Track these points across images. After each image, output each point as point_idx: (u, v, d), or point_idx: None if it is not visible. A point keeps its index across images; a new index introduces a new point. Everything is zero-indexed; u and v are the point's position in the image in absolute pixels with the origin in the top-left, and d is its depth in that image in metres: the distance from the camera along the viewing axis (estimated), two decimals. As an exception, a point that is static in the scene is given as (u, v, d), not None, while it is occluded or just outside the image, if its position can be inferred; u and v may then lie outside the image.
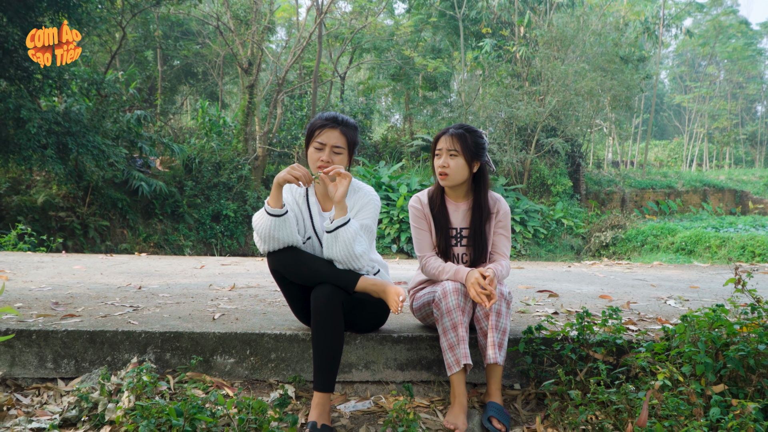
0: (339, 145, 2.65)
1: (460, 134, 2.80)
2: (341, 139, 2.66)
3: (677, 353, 2.44)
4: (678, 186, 26.32)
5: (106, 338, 2.71)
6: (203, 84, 28.79)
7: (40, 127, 11.88)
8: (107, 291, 3.90)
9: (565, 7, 24.20)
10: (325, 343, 2.46)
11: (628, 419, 2.28)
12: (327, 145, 2.64)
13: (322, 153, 2.65)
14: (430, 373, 2.81)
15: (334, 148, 2.65)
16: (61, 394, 2.60)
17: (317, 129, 2.67)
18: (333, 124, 2.66)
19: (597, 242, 18.94)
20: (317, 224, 2.73)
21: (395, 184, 18.68)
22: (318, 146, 2.66)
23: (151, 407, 2.13)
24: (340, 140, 2.65)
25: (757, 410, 2.05)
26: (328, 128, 2.65)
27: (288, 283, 2.67)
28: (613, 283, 5.14)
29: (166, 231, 16.93)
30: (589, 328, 2.76)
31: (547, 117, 20.75)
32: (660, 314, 3.49)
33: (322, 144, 2.65)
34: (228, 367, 2.74)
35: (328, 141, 2.64)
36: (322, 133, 2.65)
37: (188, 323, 2.90)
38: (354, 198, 2.75)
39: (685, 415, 2.13)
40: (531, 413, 2.66)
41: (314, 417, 2.40)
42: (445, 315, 2.57)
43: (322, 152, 2.65)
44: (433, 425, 2.51)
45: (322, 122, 2.67)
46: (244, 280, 4.74)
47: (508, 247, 2.90)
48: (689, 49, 45.13)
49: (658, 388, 2.21)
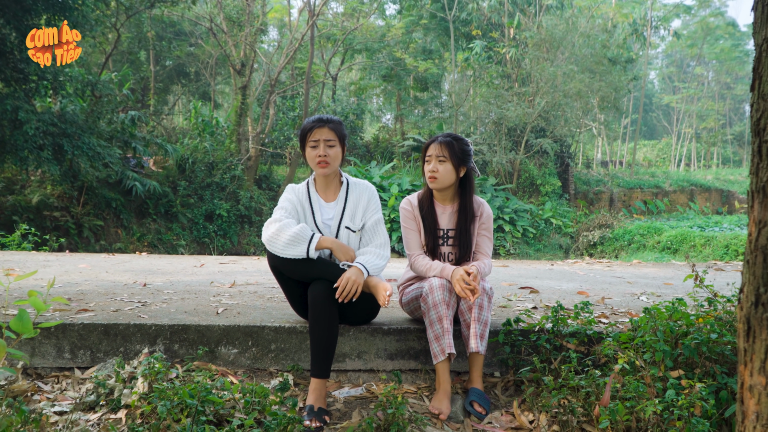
0: (330, 138, 2.94)
1: (448, 142, 3.06)
2: (331, 134, 2.94)
3: (640, 342, 2.70)
4: (665, 186, 26.69)
5: (119, 330, 2.94)
6: (195, 84, 28.90)
7: (37, 128, 12.04)
8: (115, 288, 4.13)
9: (554, 9, 24.50)
10: (322, 334, 2.70)
11: (595, 402, 2.54)
12: (320, 141, 2.92)
13: (318, 149, 2.93)
14: (418, 362, 3.06)
15: (327, 142, 2.93)
16: (78, 381, 2.83)
17: (308, 131, 2.95)
18: (320, 123, 2.95)
19: (585, 241, 19.27)
20: (318, 217, 2.99)
21: (386, 184, 18.92)
22: (313, 144, 2.94)
23: (166, 390, 2.36)
24: (330, 134, 2.94)
25: (707, 391, 2.31)
26: (317, 128, 2.94)
27: (286, 279, 2.91)
28: (592, 281, 5.41)
29: (160, 230, 17.10)
30: (563, 320, 3.02)
31: (536, 118, 21.04)
32: (631, 309, 3.76)
33: (315, 141, 2.93)
34: (232, 357, 2.98)
35: (320, 137, 2.92)
36: (313, 132, 2.93)
37: (194, 317, 3.13)
38: (355, 195, 3.03)
39: (644, 396, 2.39)
40: (509, 398, 2.91)
41: (312, 401, 2.64)
42: (431, 308, 2.82)
43: (318, 148, 2.93)
44: (419, 409, 2.75)
45: (311, 124, 2.96)
46: (243, 278, 4.98)
47: (491, 247, 3.16)
48: (678, 50, 45.61)
49: (619, 371, 2.46)
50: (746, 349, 1.18)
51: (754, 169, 1.16)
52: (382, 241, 3.00)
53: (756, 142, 1.13)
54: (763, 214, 1.12)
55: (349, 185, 3.08)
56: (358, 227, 3.00)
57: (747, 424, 1.19)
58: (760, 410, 1.12)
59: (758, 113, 1.11)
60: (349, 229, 2.99)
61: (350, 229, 2.99)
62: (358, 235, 3.01)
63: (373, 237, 3.01)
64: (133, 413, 2.48)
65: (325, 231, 2.98)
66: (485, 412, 2.72)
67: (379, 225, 3.04)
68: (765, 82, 1.10)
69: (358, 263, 2.80)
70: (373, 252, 2.92)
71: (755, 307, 1.14)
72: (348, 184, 3.08)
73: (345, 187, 3.07)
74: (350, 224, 2.99)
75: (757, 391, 1.13)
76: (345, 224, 2.99)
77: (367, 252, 2.93)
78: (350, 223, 3.00)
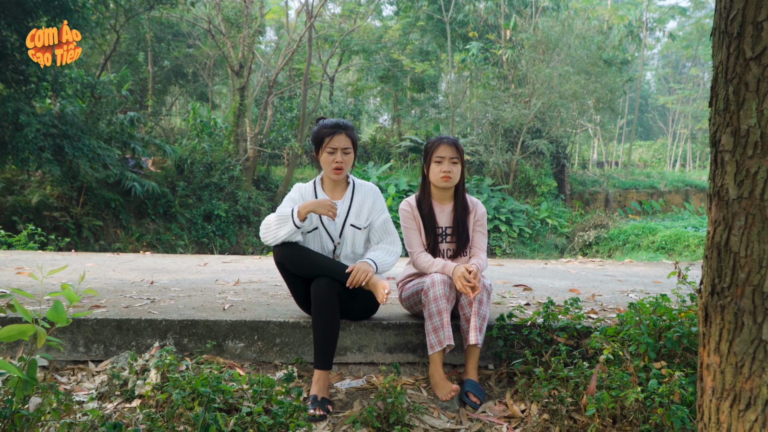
0: (347, 146, 3.08)
1: (458, 144, 3.25)
2: (348, 141, 3.09)
3: (626, 335, 2.86)
4: (660, 186, 26.87)
5: (131, 325, 3.09)
6: (193, 85, 29.02)
7: (38, 130, 12.17)
8: (123, 285, 4.27)
9: (550, 10, 24.68)
10: (324, 328, 2.86)
11: (583, 392, 2.70)
12: (338, 149, 3.06)
13: (335, 155, 3.06)
14: (415, 356, 3.22)
15: (344, 150, 3.08)
16: (92, 374, 2.98)
17: (326, 137, 3.07)
18: (339, 130, 3.08)
19: (580, 241, 19.45)
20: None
21: (384, 184, 19.08)
22: (330, 151, 3.07)
23: (180, 379, 2.51)
24: (347, 142, 3.08)
25: (687, 380, 2.47)
26: (336, 134, 3.06)
27: (291, 275, 3.06)
28: (583, 279, 5.58)
29: (159, 231, 17.22)
30: (554, 315, 3.18)
31: (532, 119, 21.22)
32: (620, 305, 3.92)
33: (333, 149, 3.06)
34: (238, 351, 3.13)
35: (339, 145, 3.06)
36: (332, 139, 3.06)
37: (202, 313, 3.28)
38: (360, 195, 3.19)
39: (628, 385, 2.55)
40: (502, 389, 3.07)
41: (315, 391, 2.80)
42: (432, 302, 2.98)
43: (335, 155, 3.06)
44: (417, 399, 2.91)
45: (330, 130, 3.08)
46: (246, 276, 5.13)
47: (485, 243, 3.35)
48: (673, 51, 45.82)
49: (604, 361, 2.62)
50: (704, 332, 1.34)
51: (712, 176, 1.32)
52: (393, 239, 3.18)
53: (713, 152, 1.28)
54: (718, 215, 1.27)
55: (355, 186, 3.24)
56: (363, 225, 3.16)
57: (704, 399, 1.35)
58: (716, 385, 1.28)
59: (714, 127, 1.27)
60: (354, 226, 3.14)
61: (355, 226, 3.15)
62: (363, 233, 3.17)
63: (384, 235, 3.19)
64: (147, 402, 2.63)
65: (330, 228, 3.13)
66: (480, 402, 2.88)
67: (388, 224, 3.20)
68: (720, 100, 1.25)
69: (368, 259, 2.97)
70: (384, 249, 3.10)
71: (711, 296, 1.30)
72: (354, 185, 3.24)
73: (351, 187, 3.23)
74: (355, 222, 3.15)
75: (713, 368, 1.29)
76: (350, 222, 3.15)
77: (378, 248, 3.10)
78: (355, 221, 3.15)
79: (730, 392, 1.24)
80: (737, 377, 1.22)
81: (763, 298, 1.18)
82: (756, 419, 1.18)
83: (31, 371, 1.62)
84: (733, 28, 1.22)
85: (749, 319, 1.21)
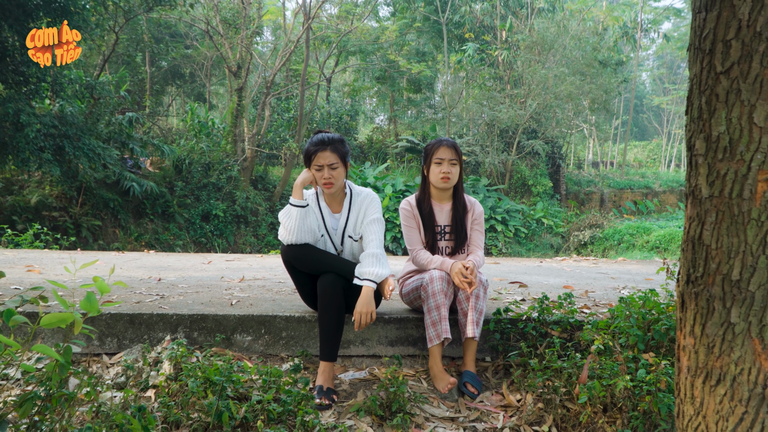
0: (333, 162, 3.11)
1: (457, 146, 3.39)
2: (333, 156, 3.11)
3: (616, 328, 3.00)
4: (655, 186, 27.06)
5: (143, 320, 3.23)
6: (191, 85, 29.11)
7: (38, 130, 12.27)
8: (132, 282, 4.41)
9: (546, 12, 24.85)
10: (330, 321, 3.00)
11: (576, 382, 2.84)
12: (324, 166, 3.10)
13: (322, 172, 3.11)
14: (416, 349, 3.36)
15: (330, 166, 3.11)
16: (107, 366, 3.12)
17: (312, 154, 3.12)
18: (323, 147, 3.11)
19: (576, 241, 19.62)
20: (328, 224, 3.27)
21: (381, 184, 19.21)
22: (317, 168, 3.12)
23: (194, 369, 2.65)
24: (333, 158, 3.11)
25: (672, 369, 2.61)
26: (320, 151, 3.10)
27: (298, 272, 3.20)
28: (578, 276, 5.73)
29: (157, 230, 17.31)
30: (548, 310, 3.33)
31: (528, 119, 21.39)
32: (612, 301, 4.07)
33: (320, 165, 3.11)
34: (246, 344, 3.27)
35: (324, 161, 3.10)
36: (317, 156, 3.11)
37: (210, 308, 3.42)
38: (356, 206, 3.29)
39: (618, 375, 2.70)
40: (499, 380, 3.22)
41: (321, 382, 2.95)
42: (430, 297, 3.12)
43: (322, 172, 3.12)
44: (418, 389, 3.05)
45: (314, 147, 3.12)
46: (251, 274, 5.27)
47: (483, 241, 3.49)
48: (668, 52, 46.07)
49: (596, 352, 2.77)
50: (681, 317, 1.49)
51: (688, 177, 1.47)
52: (377, 244, 3.16)
53: (689, 155, 1.43)
54: (693, 212, 1.42)
55: (353, 196, 3.30)
56: (358, 237, 3.28)
57: (681, 377, 1.50)
58: (690, 364, 1.42)
59: (689, 133, 1.42)
60: (351, 238, 3.28)
61: (352, 238, 3.28)
62: (360, 243, 3.29)
63: (368, 244, 3.18)
64: (161, 392, 2.77)
65: (334, 237, 3.27)
66: (477, 392, 3.03)
67: (373, 225, 3.21)
68: (695, 109, 1.40)
69: (366, 280, 3.01)
70: (372, 262, 3.07)
71: (687, 284, 1.45)
72: (351, 195, 3.30)
73: (348, 198, 3.29)
74: (352, 233, 3.27)
75: (688, 349, 1.43)
76: (348, 233, 3.28)
77: (367, 263, 3.07)
78: (352, 233, 3.27)
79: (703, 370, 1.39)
80: (709, 356, 1.37)
81: (732, 286, 1.33)
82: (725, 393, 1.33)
83: (66, 356, 1.75)
84: (706, 45, 1.37)
85: (719, 305, 1.36)
